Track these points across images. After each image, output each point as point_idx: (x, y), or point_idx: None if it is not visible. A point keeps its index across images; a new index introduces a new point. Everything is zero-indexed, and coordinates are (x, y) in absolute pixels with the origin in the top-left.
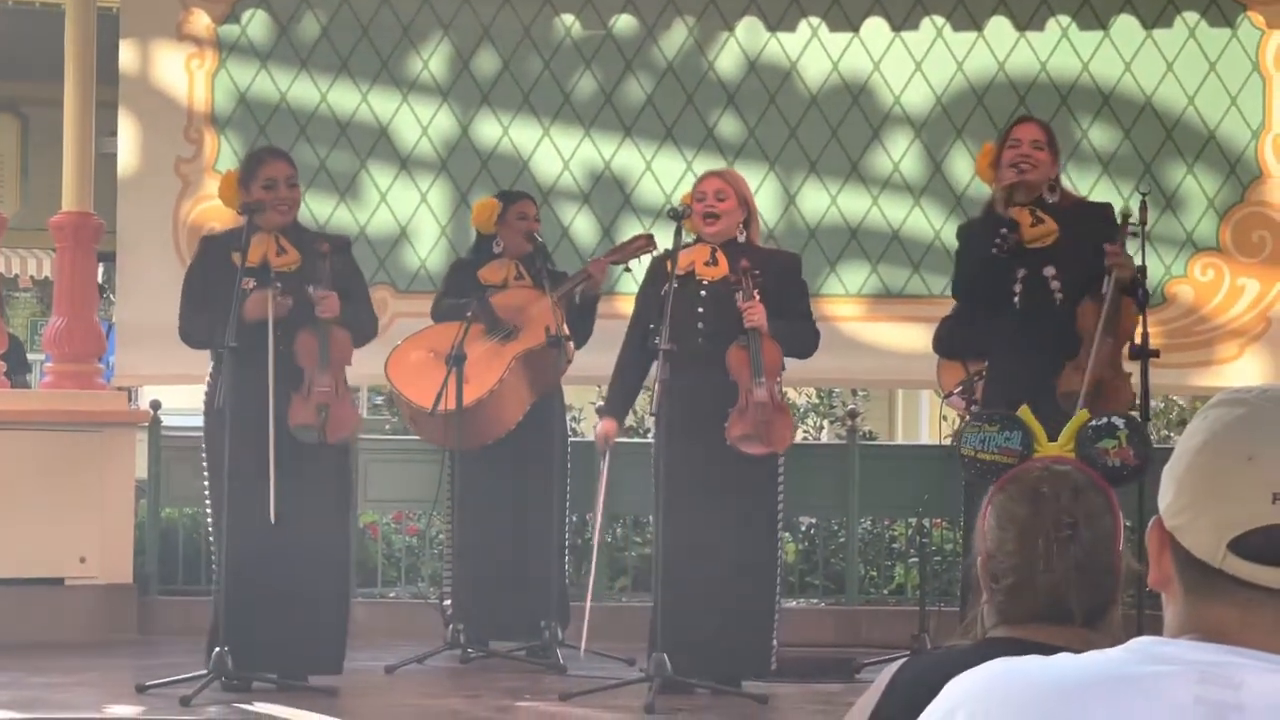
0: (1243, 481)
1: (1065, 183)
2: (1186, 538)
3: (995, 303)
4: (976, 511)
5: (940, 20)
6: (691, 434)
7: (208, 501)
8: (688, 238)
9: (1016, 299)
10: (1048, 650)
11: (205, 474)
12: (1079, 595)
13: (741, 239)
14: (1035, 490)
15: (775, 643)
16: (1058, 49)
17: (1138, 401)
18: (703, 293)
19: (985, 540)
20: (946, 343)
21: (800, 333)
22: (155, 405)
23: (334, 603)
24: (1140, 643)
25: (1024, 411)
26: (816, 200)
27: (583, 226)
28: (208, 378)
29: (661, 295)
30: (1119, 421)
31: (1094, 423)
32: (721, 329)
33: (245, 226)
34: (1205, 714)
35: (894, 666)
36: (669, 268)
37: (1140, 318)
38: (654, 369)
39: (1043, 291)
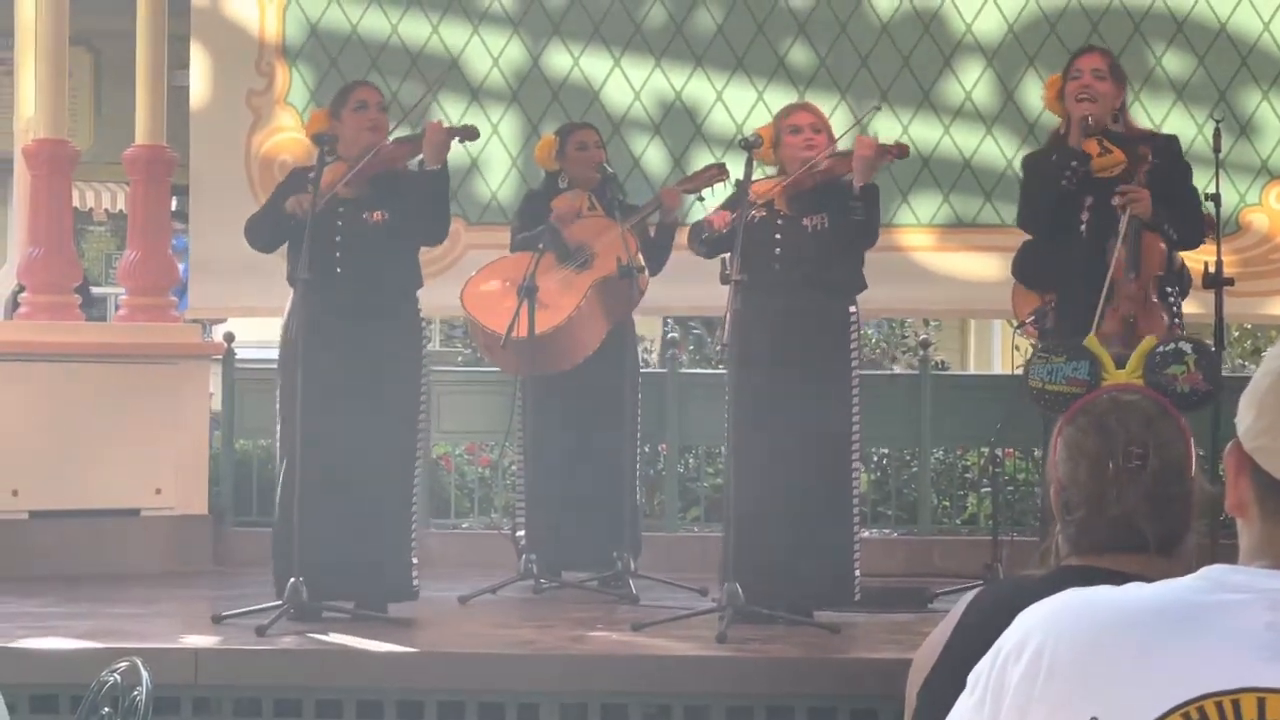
0: None
1: (1140, 111)
2: (1266, 460)
3: (1064, 232)
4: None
5: None
6: (766, 362)
7: (278, 430)
8: (764, 169)
9: (1084, 227)
10: (1120, 579)
11: (278, 403)
12: (1151, 524)
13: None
14: (1103, 421)
15: (857, 572)
16: None
17: (1202, 329)
18: (780, 221)
19: (1056, 471)
20: (1021, 268)
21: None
22: (229, 338)
23: (395, 530)
24: (1212, 570)
25: (1091, 340)
26: (888, 130)
27: (654, 157)
28: (287, 310)
29: (735, 226)
30: (1186, 347)
31: (1160, 349)
32: (797, 258)
33: (318, 159)
34: (1276, 641)
35: (968, 597)
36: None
37: (1165, 253)
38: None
39: (1110, 220)
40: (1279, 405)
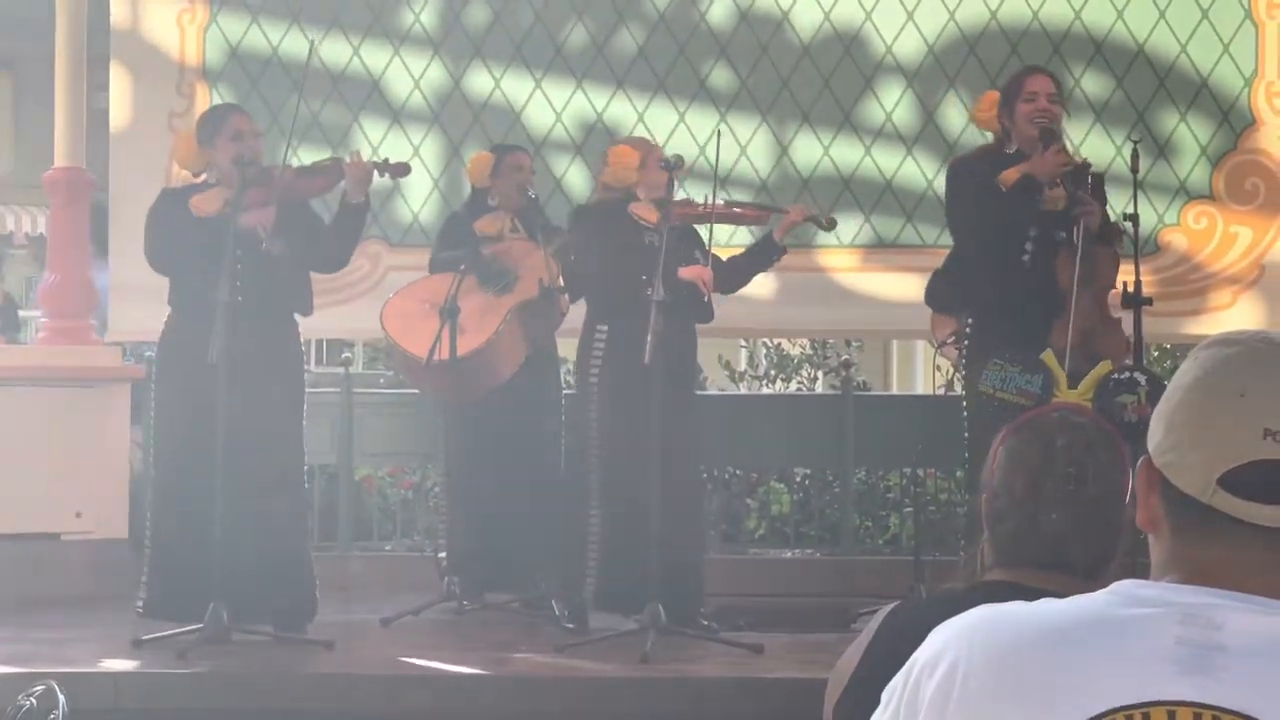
0: (1234, 417)
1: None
2: (1176, 475)
3: (1005, 253)
4: (974, 456)
5: None
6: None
7: (153, 442)
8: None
9: (1027, 257)
10: (1037, 596)
11: (152, 413)
12: (1080, 545)
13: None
14: (1049, 438)
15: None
16: None
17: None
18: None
19: (992, 478)
20: (935, 295)
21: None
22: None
23: (294, 551)
24: (1122, 585)
25: (1048, 356)
26: (809, 151)
27: (575, 178)
28: (164, 323)
29: (652, 246)
30: (1141, 378)
31: (1116, 375)
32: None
33: (240, 180)
34: (1186, 655)
35: (883, 612)
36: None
37: (1118, 266)
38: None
39: (1053, 255)
40: (1188, 420)
